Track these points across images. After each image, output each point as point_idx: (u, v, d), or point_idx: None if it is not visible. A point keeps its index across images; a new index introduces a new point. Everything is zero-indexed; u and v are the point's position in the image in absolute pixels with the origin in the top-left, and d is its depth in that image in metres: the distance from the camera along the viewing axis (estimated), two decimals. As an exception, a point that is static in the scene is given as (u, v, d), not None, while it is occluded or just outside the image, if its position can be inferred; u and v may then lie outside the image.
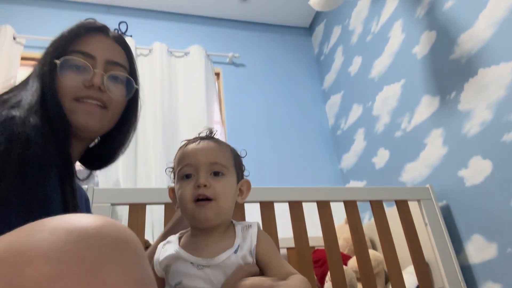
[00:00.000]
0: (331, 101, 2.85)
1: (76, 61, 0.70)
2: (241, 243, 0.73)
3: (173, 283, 0.69)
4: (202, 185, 0.71)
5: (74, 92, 0.69)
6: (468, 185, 1.61)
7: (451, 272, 1.44)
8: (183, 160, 0.75)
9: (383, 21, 2.26)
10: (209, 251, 0.71)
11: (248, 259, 0.72)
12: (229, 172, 0.76)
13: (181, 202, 0.74)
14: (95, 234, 0.34)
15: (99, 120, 0.72)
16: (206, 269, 0.69)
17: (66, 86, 0.69)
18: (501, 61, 1.48)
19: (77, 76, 0.70)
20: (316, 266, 1.77)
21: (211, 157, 0.74)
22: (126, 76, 0.77)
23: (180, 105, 2.49)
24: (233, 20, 3.05)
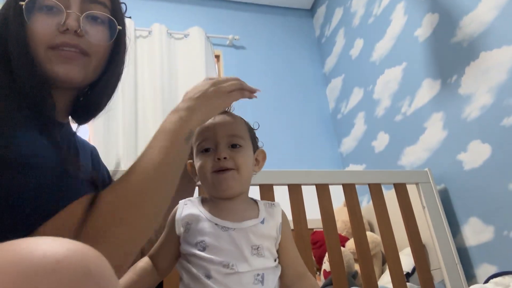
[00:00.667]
0: (332, 85, 2.83)
1: (45, 1, 0.59)
2: (266, 217, 0.75)
3: (194, 241, 0.69)
4: (223, 158, 0.72)
5: (48, 39, 0.59)
6: (466, 168, 1.62)
7: (448, 254, 1.47)
8: (201, 135, 0.76)
9: (385, 3, 2.23)
10: (234, 216, 0.72)
11: (273, 233, 0.74)
12: (246, 143, 0.78)
13: (201, 173, 0.74)
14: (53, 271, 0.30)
15: (81, 68, 0.62)
16: (231, 231, 0.70)
17: (38, 32, 0.59)
18: (503, 44, 1.47)
19: (49, 19, 0.59)
20: (314, 248, 1.80)
21: (228, 130, 0.76)
22: (107, 16, 0.66)
23: (179, 87, 2.48)
24: (233, 1, 3.01)
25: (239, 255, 0.68)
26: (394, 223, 1.44)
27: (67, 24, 0.59)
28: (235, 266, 0.66)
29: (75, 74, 0.61)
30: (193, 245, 0.69)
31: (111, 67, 0.70)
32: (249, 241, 0.70)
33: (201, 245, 0.68)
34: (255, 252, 0.69)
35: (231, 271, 0.66)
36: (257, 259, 0.69)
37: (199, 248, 0.68)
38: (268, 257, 0.71)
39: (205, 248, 0.68)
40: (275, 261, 0.73)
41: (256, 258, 0.69)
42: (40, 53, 0.59)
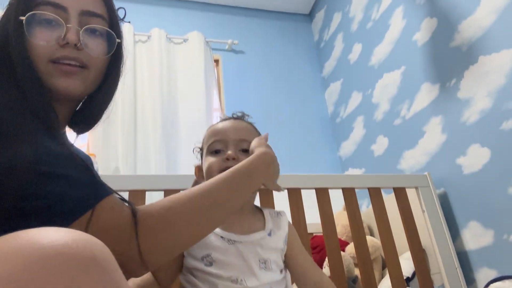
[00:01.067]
0: (330, 89, 2.84)
1: (45, 15, 0.59)
2: (273, 229, 0.75)
3: (200, 255, 0.69)
4: (231, 158, 0.73)
5: (48, 53, 0.60)
6: (466, 172, 1.62)
7: (448, 258, 1.46)
8: (213, 136, 0.78)
9: (384, 8, 2.24)
10: (241, 228, 0.72)
11: (280, 245, 0.74)
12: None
13: (208, 173, 0.75)
14: (58, 257, 0.30)
15: (81, 81, 0.63)
16: (237, 244, 0.69)
17: (38, 46, 0.59)
18: (502, 48, 1.48)
19: (49, 33, 0.60)
20: (314, 252, 1.79)
21: (240, 135, 0.78)
22: (106, 29, 0.66)
23: (179, 92, 2.48)
24: (232, 6, 3.02)
25: (247, 269, 0.67)
26: (394, 227, 1.44)
27: (67, 38, 0.60)
28: (244, 281, 0.65)
29: (75, 87, 0.62)
30: (198, 259, 0.68)
31: (109, 78, 0.71)
32: (257, 254, 0.69)
33: (207, 259, 0.67)
34: (263, 266, 0.69)
35: (240, 286, 0.65)
36: (265, 273, 0.68)
37: (206, 263, 0.67)
38: (275, 270, 0.71)
39: (212, 263, 0.67)
40: (281, 272, 0.73)
41: (264, 272, 0.68)
42: (41, 66, 0.59)
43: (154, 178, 1.27)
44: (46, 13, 0.60)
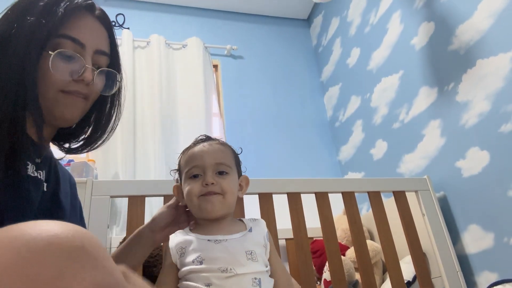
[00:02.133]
0: (329, 93, 2.84)
1: (68, 53, 0.63)
2: (253, 226, 0.82)
3: (191, 259, 0.73)
4: (210, 183, 0.78)
5: (62, 84, 0.63)
6: (465, 176, 1.62)
7: (448, 261, 1.46)
8: (191, 162, 0.83)
9: (382, 12, 2.25)
10: (224, 231, 0.78)
11: (261, 240, 0.80)
12: (232, 170, 0.84)
13: (188, 197, 0.80)
14: (47, 247, 0.31)
15: (80, 111, 0.68)
16: (223, 242, 0.75)
17: (55, 77, 0.62)
18: (500, 52, 1.49)
19: (66, 66, 0.63)
20: (314, 257, 1.79)
21: (216, 158, 0.82)
22: (114, 72, 0.72)
23: (178, 97, 2.48)
24: (231, 12, 3.04)
25: (235, 261, 0.72)
26: (394, 231, 1.43)
27: (84, 76, 0.64)
28: (233, 269, 0.70)
29: (76, 116, 0.67)
30: (190, 263, 0.73)
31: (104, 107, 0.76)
32: (243, 247, 0.75)
33: (197, 260, 0.72)
34: (249, 257, 0.74)
35: (230, 274, 0.70)
36: (253, 263, 0.73)
37: (196, 263, 0.72)
38: (261, 262, 0.76)
39: (202, 261, 0.72)
40: (267, 267, 0.78)
41: (251, 262, 0.73)
42: (49, 94, 0.62)
43: (154, 184, 1.27)
44: (69, 51, 0.63)
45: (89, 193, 1.18)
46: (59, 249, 0.31)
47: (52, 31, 0.62)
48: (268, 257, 0.80)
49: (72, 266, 0.31)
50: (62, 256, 0.31)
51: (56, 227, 0.33)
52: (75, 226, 0.34)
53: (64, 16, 0.63)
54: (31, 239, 0.31)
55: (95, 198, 1.17)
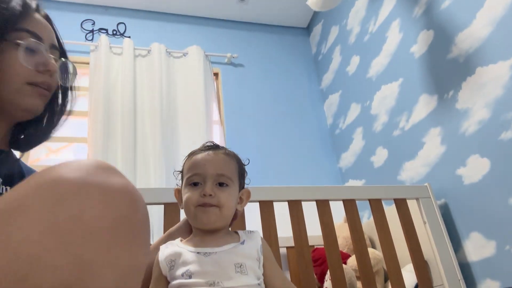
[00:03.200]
0: (329, 101, 2.85)
1: (34, 45, 0.65)
2: (246, 239, 0.80)
3: (181, 273, 0.73)
4: (208, 194, 0.77)
5: (27, 76, 0.64)
6: (466, 183, 1.61)
7: (450, 270, 1.45)
8: (192, 169, 0.82)
9: (381, 20, 2.27)
10: (215, 243, 0.77)
11: (254, 253, 0.78)
12: (233, 183, 0.83)
13: (186, 205, 0.80)
14: (97, 163, 0.42)
15: (44, 103, 0.69)
16: (212, 255, 0.74)
17: (21, 69, 0.63)
18: (499, 59, 1.49)
19: (30, 58, 0.64)
20: (315, 265, 1.78)
21: (218, 169, 0.81)
22: (71, 62, 0.75)
23: (179, 105, 2.49)
24: (231, 20, 3.06)
25: (223, 274, 0.71)
26: (396, 239, 1.43)
27: (50, 67, 0.66)
28: (221, 282, 0.70)
29: (40, 108, 0.68)
30: (179, 277, 0.73)
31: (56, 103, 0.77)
32: (232, 260, 0.74)
33: (186, 273, 0.72)
34: (238, 270, 0.73)
35: (217, 287, 0.69)
36: (241, 277, 0.72)
37: (185, 277, 0.71)
38: (252, 276, 0.74)
39: (191, 275, 0.71)
40: (259, 280, 0.76)
41: (240, 275, 0.72)
42: (15, 86, 0.63)
43: (154, 192, 1.26)
44: (35, 42, 0.65)
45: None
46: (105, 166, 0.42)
47: (11, 24, 0.63)
48: (264, 271, 0.79)
49: (114, 174, 0.42)
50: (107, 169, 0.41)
51: (94, 159, 0.43)
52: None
53: (24, 13, 0.65)
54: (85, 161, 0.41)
55: (96, 206, 1.17)
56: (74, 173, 0.38)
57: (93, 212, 0.36)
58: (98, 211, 0.37)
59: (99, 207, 0.37)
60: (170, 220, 1.19)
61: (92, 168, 0.40)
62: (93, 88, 2.32)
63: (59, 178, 0.37)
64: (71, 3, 2.69)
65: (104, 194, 0.38)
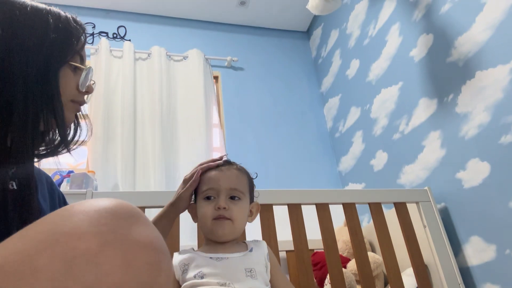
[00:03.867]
0: (329, 104, 2.85)
1: (89, 70, 0.72)
2: (254, 247, 0.86)
3: (193, 274, 0.77)
4: (222, 208, 0.83)
5: (73, 94, 0.70)
6: (466, 187, 1.61)
7: (450, 274, 1.45)
8: (207, 184, 0.88)
9: (380, 24, 2.28)
10: (226, 251, 0.82)
11: (262, 260, 0.84)
12: (245, 196, 0.88)
13: (202, 219, 0.86)
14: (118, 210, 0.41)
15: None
16: (224, 260, 0.79)
17: (71, 88, 0.70)
18: (498, 63, 1.50)
19: (76, 79, 0.71)
20: (315, 269, 1.77)
21: (231, 184, 0.87)
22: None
23: (178, 108, 2.49)
24: (231, 24, 3.07)
25: (234, 276, 0.75)
26: (395, 243, 1.42)
27: (89, 88, 0.73)
28: (232, 284, 0.73)
29: (72, 121, 0.75)
30: (191, 277, 0.76)
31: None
32: (243, 264, 0.78)
33: (199, 275, 0.76)
34: (249, 274, 0.77)
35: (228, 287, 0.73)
36: (251, 280, 0.76)
37: (198, 278, 0.75)
38: (261, 281, 0.78)
39: (203, 276, 0.75)
40: (267, 286, 0.80)
41: (250, 279, 0.76)
42: (63, 100, 0.68)
43: (153, 195, 1.26)
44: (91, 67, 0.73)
45: (89, 204, 1.17)
46: (126, 212, 0.41)
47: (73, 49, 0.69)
48: (270, 277, 0.83)
49: (137, 223, 0.41)
50: (129, 216, 0.41)
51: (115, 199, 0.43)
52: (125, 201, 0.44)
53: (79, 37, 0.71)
54: (104, 205, 0.40)
55: (95, 210, 1.17)
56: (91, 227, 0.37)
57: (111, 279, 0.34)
58: (117, 279, 0.35)
59: (118, 274, 0.35)
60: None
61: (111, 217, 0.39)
62: (94, 91, 2.32)
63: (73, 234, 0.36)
64: (71, 6, 2.70)
65: (124, 256, 0.36)
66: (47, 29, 0.65)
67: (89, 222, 0.37)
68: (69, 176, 1.76)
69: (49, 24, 0.66)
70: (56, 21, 0.68)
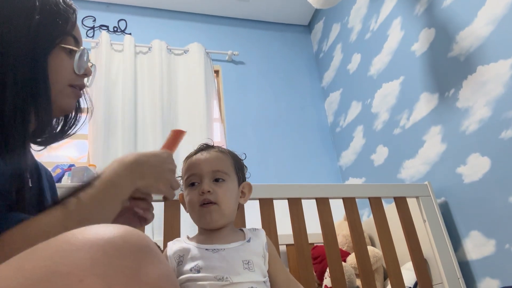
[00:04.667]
0: (330, 99, 2.85)
1: (83, 52, 0.69)
2: (252, 237, 0.83)
3: (189, 268, 0.74)
4: (206, 191, 0.79)
5: (70, 78, 0.68)
6: (466, 182, 1.61)
7: (450, 268, 1.45)
8: (188, 170, 0.85)
9: (382, 18, 2.27)
10: (222, 241, 0.79)
11: (260, 250, 0.81)
12: (230, 177, 0.84)
13: (189, 207, 0.82)
14: (124, 244, 0.37)
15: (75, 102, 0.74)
16: (221, 252, 0.76)
17: (67, 71, 0.67)
18: (500, 58, 1.49)
19: (71, 62, 0.68)
20: (315, 263, 1.78)
21: (213, 166, 0.83)
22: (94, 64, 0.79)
23: (179, 102, 2.49)
24: (232, 18, 3.05)
25: (231, 269, 0.73)
26: (395, 237, 1.43)
27: (87, 70, 0.71)
28: (229, 278, 0.71)
29: (73, 107, 0.73)
30: (187, 271, 0.74)
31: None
32: (240, 256, 0.76)
33: (195, 268, 0.73)
34: (246, 267, 0.75)
35: (226, 282, 0.71)
36: (249, 273, 0.74)
37: (194, 272, 0.73)
38: (258, 272, 0.77)
39: (200, 270, 0.73)
40: (264, 277, 0.78)
41: (247, 272, 0.74)
42: (58, 87, 0.66)
43: (155, 189, 1.26)
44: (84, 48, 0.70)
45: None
46: (133, 246, 0.37)
47: (63, 31, 0.66)
48: (269, 267, 0.81)
49: (145, 260, 0.37)
50: (136, 252, 0.37)
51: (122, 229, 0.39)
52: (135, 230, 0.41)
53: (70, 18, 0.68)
54: (109, 239, 0.37)
55: (96, 203, 1.17)
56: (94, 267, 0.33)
57: None
58: None
59: None
60: (170, 217, 1.19)
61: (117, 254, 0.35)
62: (94, 84, 2.32)
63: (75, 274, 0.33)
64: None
65: None
66: (33, 11, 0.62)
67: (92, 261, 0.34)
68: (70, 169, 1.76)
69: (35, 7, 0.63)
70: (43, 3, 0.65)
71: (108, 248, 0.36)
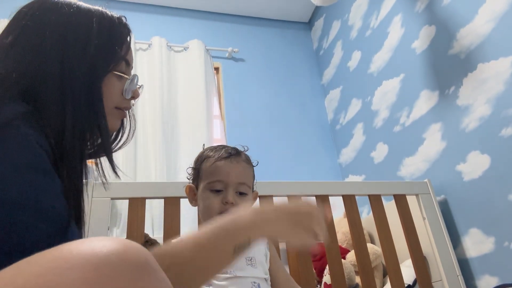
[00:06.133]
0: (330, 96, 2.85)
1: (135, 78, 0.71)
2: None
3: None
4: (230, 203, 0.81)
5: (117, 101, 0.69)
6: (466, 179, 1.62)
7: (449, 265, 1.46)
8: (215, 175, 0.85)
9: (383, 15, 2.26)
10: None
11: (262, 248, 0.84)
12: (250, 191, 0.89)
13: (207, 211, 0.83)
14: (120, 262, 0.35)
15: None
16: None
17: (116, 95, 0.68)
18: (500, 56, 1.49)
19: (121, 85, 0.69)
20: (314, 260, 1.79)
21: (239, 178, 0.85)
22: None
23: (179, 99, 2.49)
24: (232, 14, 3.04)
25: (235, 264, 0.75)
26: (395, 234, 1.43)
27: (135, 95, 0.72)
28: (233, 272, 0.74)
29: (117, 128, 0.74)
30: None
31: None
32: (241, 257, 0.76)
33: None
34: (249, 263, 0.78)
35: (230, 275, 0.74)
36: (252, 269, 0.77)
37: None
38: (260, 269, 0.80)
39: None
40: (266, 275, 0.81)
41: (250, 267, 0.77)
42: (106, 110, 0.66)
43: (154, 186, 1.27)
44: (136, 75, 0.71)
45: (90, 195, 1.18)
46: (130, 264, 0.35)
47: (118, 57, 0.67)
48: (269, 266, 0.84)
49: (143, 278, 0.35)
50: (133, 271, 0.35)
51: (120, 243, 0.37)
52: (132, 242, 0.38)
53: (125, 41, 0.70)
54: (105, 257, 0.34)
55: (96, 200, 1.17)
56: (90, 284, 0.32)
57: None
58: None
59: None
60: (170, 213, 1.20)
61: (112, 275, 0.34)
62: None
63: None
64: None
65: None
66: (91, 35, 0.63)
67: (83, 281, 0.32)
68: (70, 166, 1.76)
69: (93, 29, 0.64)
70: (100, 25, 0.66)
71: (103, 267, 0.34)
